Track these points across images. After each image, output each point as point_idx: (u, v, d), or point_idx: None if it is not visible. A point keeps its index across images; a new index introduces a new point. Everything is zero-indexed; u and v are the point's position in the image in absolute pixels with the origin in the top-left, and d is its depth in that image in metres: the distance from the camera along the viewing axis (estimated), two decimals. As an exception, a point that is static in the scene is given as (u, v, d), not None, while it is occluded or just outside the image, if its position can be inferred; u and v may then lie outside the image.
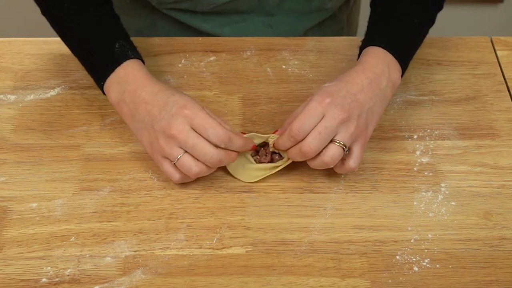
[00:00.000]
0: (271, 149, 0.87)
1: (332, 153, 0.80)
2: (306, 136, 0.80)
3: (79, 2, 0.90)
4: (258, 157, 0.87)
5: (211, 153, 0.79)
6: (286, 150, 0.84)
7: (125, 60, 0.87)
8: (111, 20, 0.92)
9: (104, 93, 0.88)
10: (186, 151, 0.80)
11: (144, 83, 0.85)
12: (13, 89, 0.98)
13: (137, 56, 0.89)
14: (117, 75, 0.86)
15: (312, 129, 0.80)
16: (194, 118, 0.80)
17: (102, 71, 0.87)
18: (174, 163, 0.81)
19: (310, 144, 0.80)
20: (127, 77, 0.86)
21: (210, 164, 0.80)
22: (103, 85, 0.87)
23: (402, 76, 0.89)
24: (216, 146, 0.80)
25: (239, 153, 0.84)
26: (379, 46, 0.88)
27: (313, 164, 0.82)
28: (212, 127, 0.80)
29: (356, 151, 0.82)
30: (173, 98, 0.82)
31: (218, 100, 0.97)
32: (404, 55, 0.90)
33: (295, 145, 0.82)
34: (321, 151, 0.81)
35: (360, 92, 0.83)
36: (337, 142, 0.80)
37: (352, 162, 0.82)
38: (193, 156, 0.80)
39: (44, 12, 0.92)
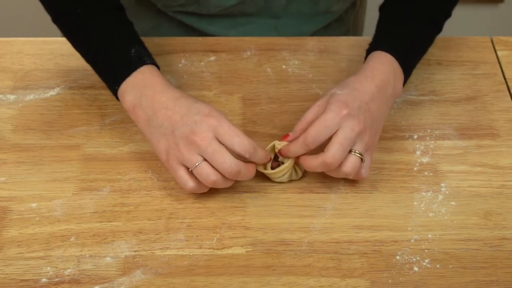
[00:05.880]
0: (280, 159, 0.86)
1: (353, 164, 0.81)
2: (319, 146, 0.80)
3: (93, 8, 0.89)
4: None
5: (230, 162, 0.78)
6: (295, 157, 0.84)
7: (141, 65, 0.86)
8: (126, 26, 0.91)
9: (117, 98, 0.87)
10: (205, 159, 0.79)
11: (164, 88, 0.84)
12: (13, 89, 0.98)
13: (153, 62, 0.88)
14: (133, 79, 0.85)
15: (331, 140, 0.80)
16: (220, 126, 0.79)
17: (117, 75, 0.86)
18: (191, 171, 0.80)
19: (335, 156, 0.79)
20: (145, 81, 0.85)
21: (228, 174, 0.79)
22: (117, 89, 0.86)
23: (403, 85, 0.90)
24: (238, 157, 0.79)
25: (257, 169, 0.83)
26: (386, 51, 0.88)
27: (331, 174, 0.83)
28: (238, 135, 0.79)
29: (367, 160, 0.83)
30: (196, 105, 0.81)
31: (218, 100, 0.96)
32: (408, 64, 0.90)
33: (306, 153, 0.82)
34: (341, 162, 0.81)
35: (371, 101, 0.83)
36: (355, 153, 0.81)
37: (364, 171, 0.83)
38: (212, 165, 0.79)
39: (56, 19, 0.91)
